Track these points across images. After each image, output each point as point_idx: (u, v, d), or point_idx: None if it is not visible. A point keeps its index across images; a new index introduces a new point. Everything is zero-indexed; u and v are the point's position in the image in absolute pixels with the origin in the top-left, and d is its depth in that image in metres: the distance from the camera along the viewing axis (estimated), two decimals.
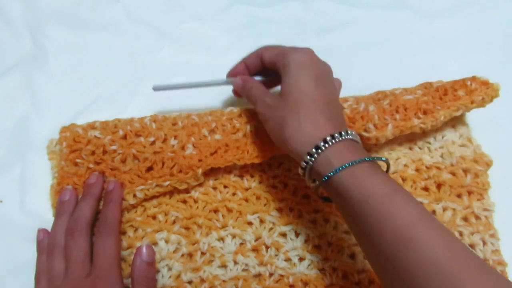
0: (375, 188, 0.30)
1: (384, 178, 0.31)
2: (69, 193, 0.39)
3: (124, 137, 0.41)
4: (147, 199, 0.41)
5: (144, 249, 0.35)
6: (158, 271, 0.39)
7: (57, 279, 0.35)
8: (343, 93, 0.45)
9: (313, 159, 0.32)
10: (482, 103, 0.42)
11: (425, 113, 0.41)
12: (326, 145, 0.32)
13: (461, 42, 0.52)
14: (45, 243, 0.37)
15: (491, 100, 0.42)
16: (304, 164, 0.33)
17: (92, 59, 0.49)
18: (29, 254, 0.38)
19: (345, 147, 0.32)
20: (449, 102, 0.41)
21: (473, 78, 0.42)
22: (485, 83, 0.42)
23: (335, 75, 0.49)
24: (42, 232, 0.38)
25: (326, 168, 0.32)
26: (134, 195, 0.40)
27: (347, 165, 0.31)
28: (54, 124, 0.43)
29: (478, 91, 0.42)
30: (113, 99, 0.47)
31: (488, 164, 0.42)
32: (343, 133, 0.33)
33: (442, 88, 0.42)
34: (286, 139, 0.34)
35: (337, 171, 0.31)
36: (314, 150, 0.32)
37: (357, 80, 0.48)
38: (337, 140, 0.32)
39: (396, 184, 0.31)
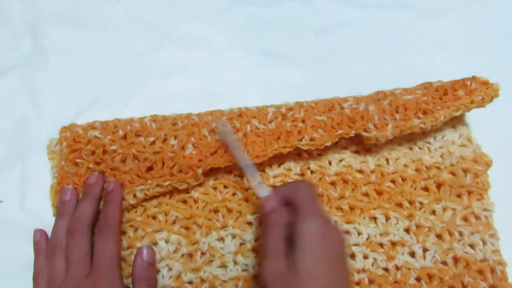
0: None
1: None
2: (70, 193, 0.39)
3: (124, 137, 0.41)
4: (147, 199, 0.41)
5: (144, 250, 0.36)
6: (158, 271, 0.39)
7: (57, 279, 0.35)
8: (343, 93, 0.45)
9: None
10: (482, 103, 0.42)
11: (425, 113, 0.41)
12: None
13: (461, 42, 0.52)
14: (43, 244, 0.37)
15: (491, 100, 0.42)
16: None
17: (92, 59, 0.49)
18: (29, 254, 0.38)
19: None
20: (449, 102, 0.41)
21: (473, 78, 0.42)
22: (485, 83, 0.42)
23: (335, 76, 0.49)
24: (38, 232, 0.38)
25: None
26: (134, 195, 0.40)
27: None
28: (54, 124, 0.43)
29: (478, 91, 0.42)
30: (113, 99, 0.47)
31: (488, 164, 0.42)
32: None
33: (442, 88, 0.42)
34: None
35: None
36: None
37: (357, 80, 0.48)
38: None
39: None
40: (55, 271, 0.35)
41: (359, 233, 0.40)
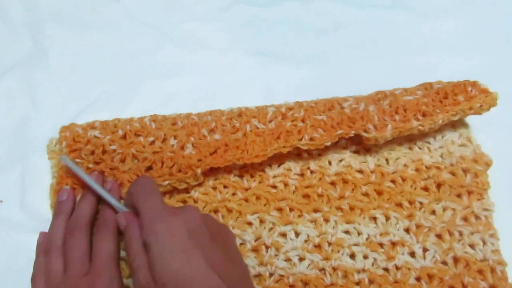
0: None
1: None
2: (67, 193, 0.39)
3: (124, 137, 0.41)
4: None
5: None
6: None
7: (55, 278, 0.35)
8: (343, 93, 0.45)
9: None
10: (479, 111, 0.42)
11: (424, 115, 0.41)
12: None
13: (461, 42, 0.52)
14: (44, 245, 0.37)
15: (488, 109, 0.42)
16: None
17: (92, 59, 0.49)
18: (29, 254, 0.38)
19: None
20: (449, 106, 0.41)
21: (474, 84, 0.42)
22: (485, 91, 0.42)
23: (335, 76, 0.49)
24: (42, 235, 0.38)
25: None
26: None
27: None
28: (54, 124, 0.43)
29: (477, 98, 0.42)
30: (113, 99, 0.47)
31: (488, 164, 0.42)
32: None
33: (443, 91, 0.42)
34: None
35: None
36: None
37: (357, 80, 0.48)
38: None
39: None
40: (52, 270, 0.35)
41: (359, 233, 0.40)
